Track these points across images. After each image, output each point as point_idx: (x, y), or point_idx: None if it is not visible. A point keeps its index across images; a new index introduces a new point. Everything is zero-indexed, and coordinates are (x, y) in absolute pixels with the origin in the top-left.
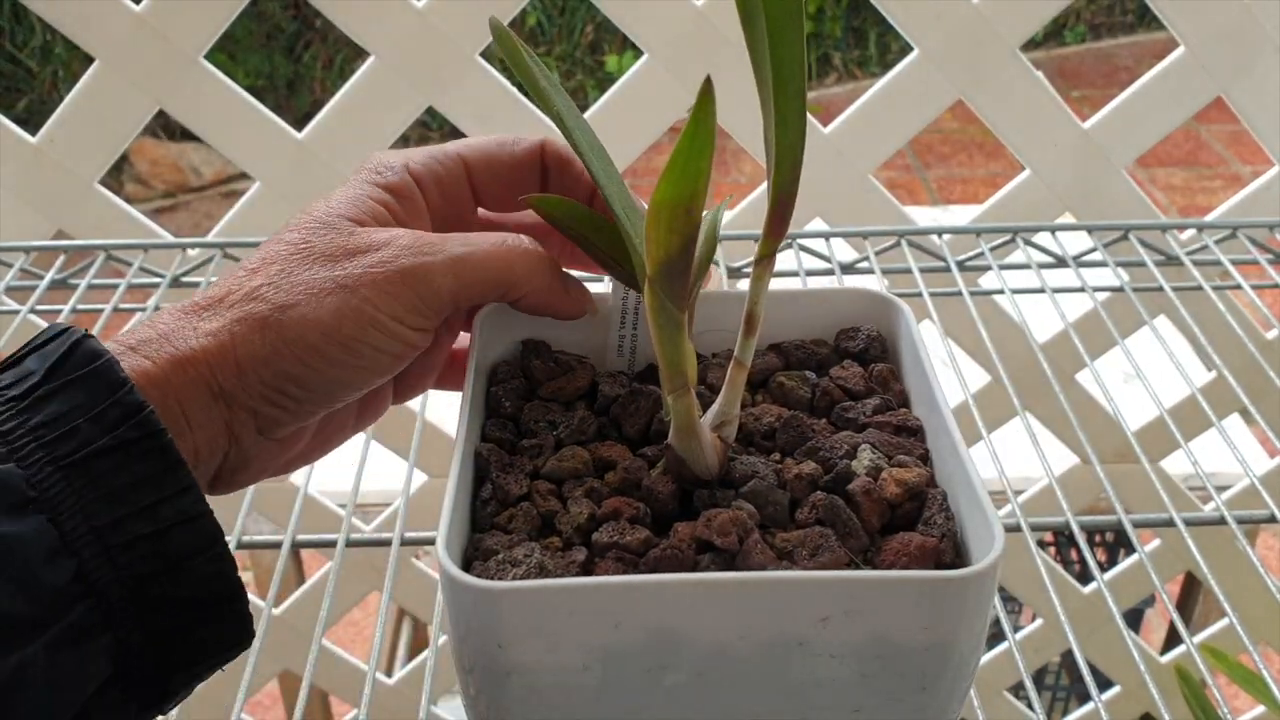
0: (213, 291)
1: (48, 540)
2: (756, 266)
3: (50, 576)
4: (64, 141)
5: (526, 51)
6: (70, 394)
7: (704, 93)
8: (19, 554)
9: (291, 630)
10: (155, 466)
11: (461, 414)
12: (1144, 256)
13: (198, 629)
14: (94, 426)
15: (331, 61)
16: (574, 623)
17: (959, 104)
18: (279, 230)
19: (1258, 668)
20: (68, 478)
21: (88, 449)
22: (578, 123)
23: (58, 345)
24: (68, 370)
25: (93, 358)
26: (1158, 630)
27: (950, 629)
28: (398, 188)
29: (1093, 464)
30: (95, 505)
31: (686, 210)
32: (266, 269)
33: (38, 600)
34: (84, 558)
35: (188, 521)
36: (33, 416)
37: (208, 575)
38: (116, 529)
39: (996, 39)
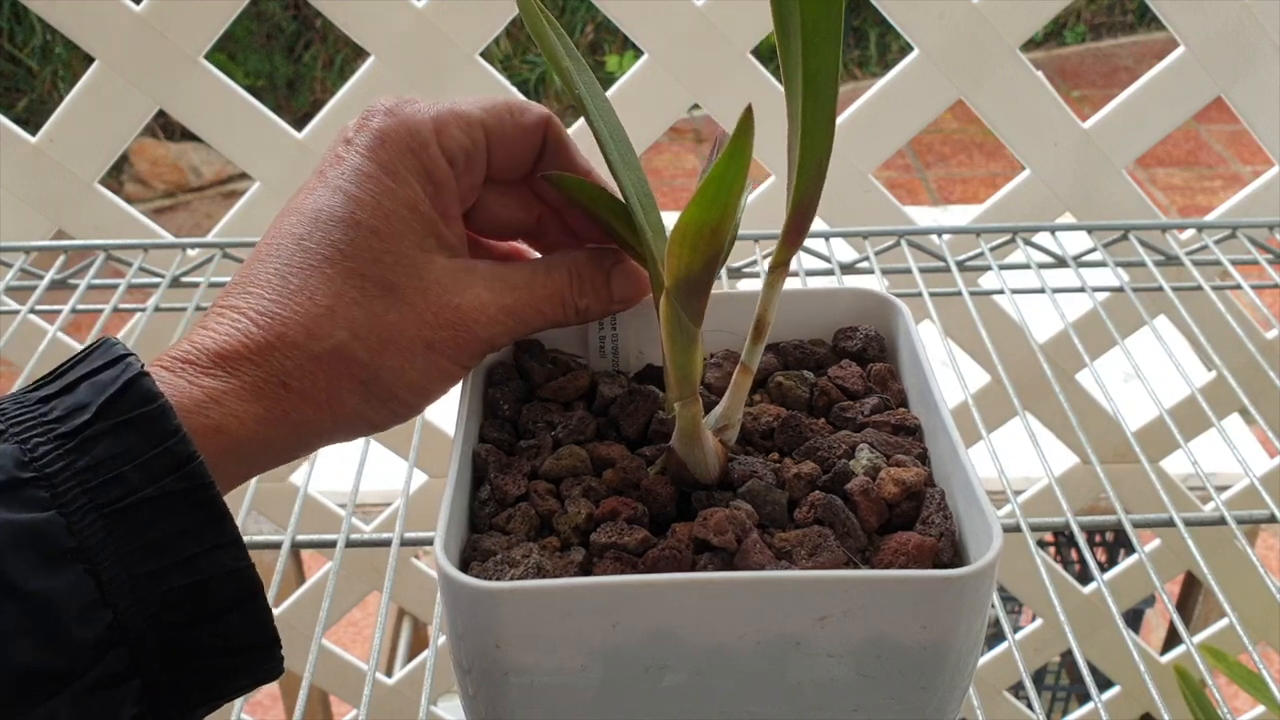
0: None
1: (84, 593)
2: (770, 274)
3: (84, 631)
4: (64, 141)
5: (551, 24)
6: (120, 438)
7: (744, 122)
8: (53, 611)
9: (291, 630)
10: (200, 518)
11: (459, 415)
12: (1144, 256)
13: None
14: (141, 474)
15: (331, 61)
16: (572, 623)
17: (959, 104)
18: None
19: (1258, 668)
20: (109, 527)
21: (132, 497)
22: (599, 104)
23: (112, 377)
24: (120, 410)
25: (147, 400)
26: (1158, 630)
27: (948, 628)
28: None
29: (1093, 464)
30: (135, 555)
31: (713, 232)
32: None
33: (68, 655)
34: (120, 609)
35: (229, 575)
36: (79, 459)
37: (245, 627)
38: (155, 580)
39: (996, 39)
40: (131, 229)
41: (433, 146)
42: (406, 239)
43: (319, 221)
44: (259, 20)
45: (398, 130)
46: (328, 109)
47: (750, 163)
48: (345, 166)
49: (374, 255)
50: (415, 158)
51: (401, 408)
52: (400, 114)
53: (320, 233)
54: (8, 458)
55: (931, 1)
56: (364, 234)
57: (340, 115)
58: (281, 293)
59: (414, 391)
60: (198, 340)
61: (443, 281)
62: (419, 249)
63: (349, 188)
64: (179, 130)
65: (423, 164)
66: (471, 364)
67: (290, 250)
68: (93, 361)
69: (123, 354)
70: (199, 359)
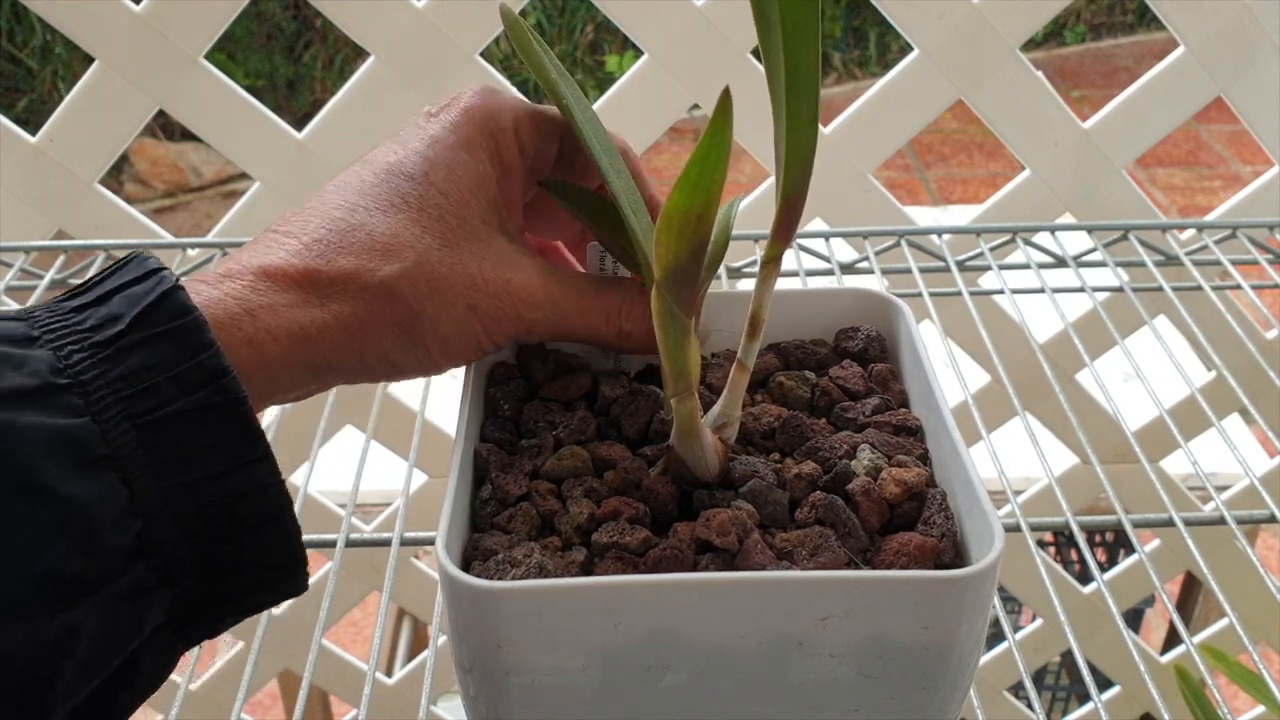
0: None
1: (117, 501)
2: (763, 269)
3: (115, 538)
4: (64, 141)
5: (537, 40)
6: (154, 349)
7: (722, 104)
8: (86, 516)
9: (291, 630)
10: (232, 432)
11: (461, 414)
12: (1144, 256)
13: (255, 589)
14: (174, 387)
15: (331, 61)
16: (573, 623)
17: (959, 104)
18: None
19: (1258, 668)
20: (142, 437)
21: (166, 409)
22: (586, 114)
23: (147, 290)
24: (155, 322)
25: (181, 313)
26: (1158, 630)
27: (950, 629)
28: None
29: (1093, 464)
30: (168, 467)
31: (698, 217)
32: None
33: (99, 560)
34: (151, 518)
35: (260, 490)
36: (113, 368)
37: (273, 541)
38: (187, 492)
39: (996, 39)
40: (131, 229)
41: (509, 134)
42: (472, 209)
43: (391, 174)
44: (259, 20)
45: (482, 111)
46: (328, 109)
47: (730, 144)
48: (425, 134)
49: (439, 213)
50: (493, 140)
51: (425, 359)
52: (487, 98)
53: (391, 183)
54: (43, 363)
55: (931, 1)
56: (434, 193)
57: (340, 115)
58: (341, 227)
59: (442, 346)
60: (243, 258)
61: (500, 255)
62: (482, 222)
63: (426, 151)
64: (179, 130)
65: (498, 147)
66: (502, 343)
67: (357, 192)
68: (126, 274)
69: (156, 268)
70: (240, 273)
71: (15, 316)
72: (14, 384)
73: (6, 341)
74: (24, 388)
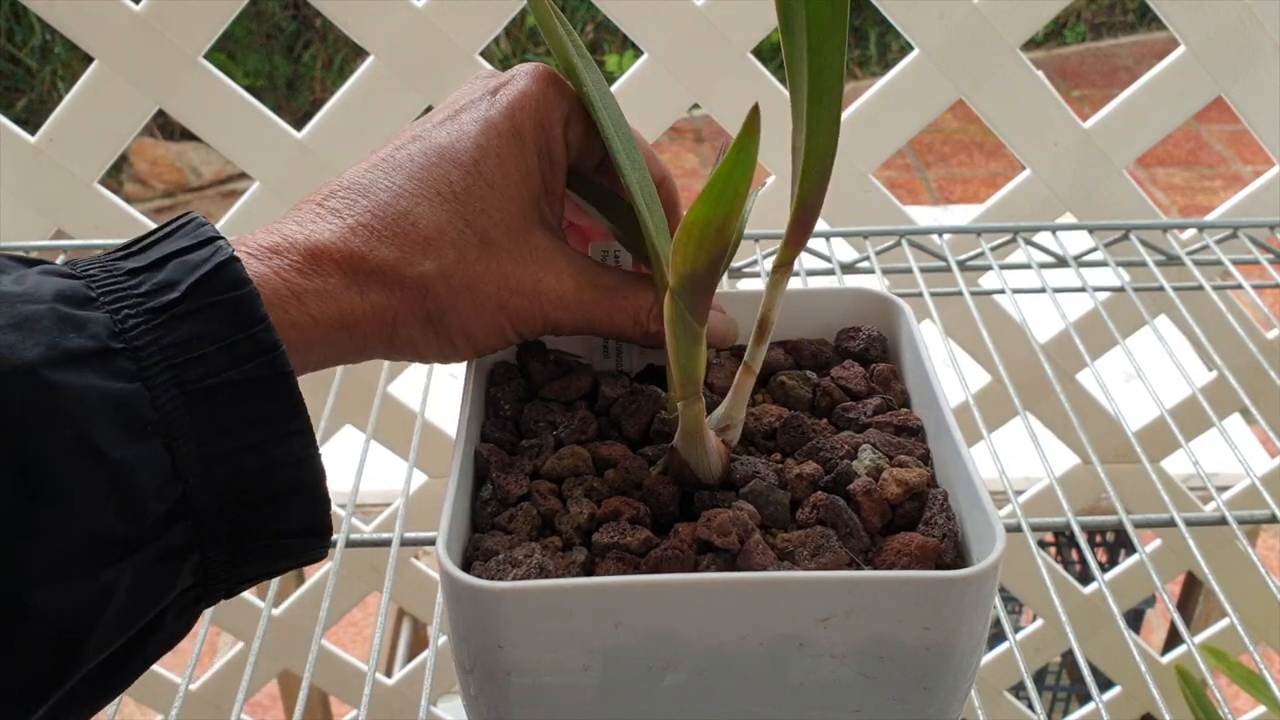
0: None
1: (162, 467)
2: (774, 273)
3: (156, 503)
4: (63, 141)
5: (561, 21)
6: (207, 319)
7: (750, 121)
8: (132, 479)
9: (291, 630)
10: (275, 406)
11: (461, 414)
12: (1145, 256)
13: (282, 555)
14: (224, 357)
15: (331, 61)
16: (574, 623)
17: (959, 104)
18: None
19: (1258, 668)
20: (190, 405)
21: (215, 379)
22: (606, 101)
23: (203, 258)
24: (209, 292)
25: (236, 285)
26: (1158, 630)
27: (951, 629)
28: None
29: (1093, 464)
30: (211, 435)
31: (718, 230)
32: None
33: (138, 523)
34: (191, 484)
35: (296, 463)
36: (166, 335)
37: (303, 512)
38: (227, 461)
39: (996, 39)
40: (131, 229)
41: (559, 128)
42: (516, 203)
43: (443, 157)
44: (259, 20)
45: (538, 100)
46: (327, 109)
47: (756, 161)
48: (480, 114)
49: (483, 206)
50: (544, 132)
51: (449, 349)
52: (545, 86)
53: (441, 169)
54: (101, 326)
55: (931, 1)
56: (481, 184)
57: (340, 115)
58: (387, 212)
59: (468, 339)
60: (288, 232)
61: (536, 253)
62: (524, 216)
63: (479, 137)
64: (179, 130)
65: (548, 140)
66: (528, 336)
67: (408, 173)
68: (181, 239)
69: (212, 235)
70: (287, 251)
71: (71, 274)
72: (75, 345)
73: (68, 301)
74: (83, 349)
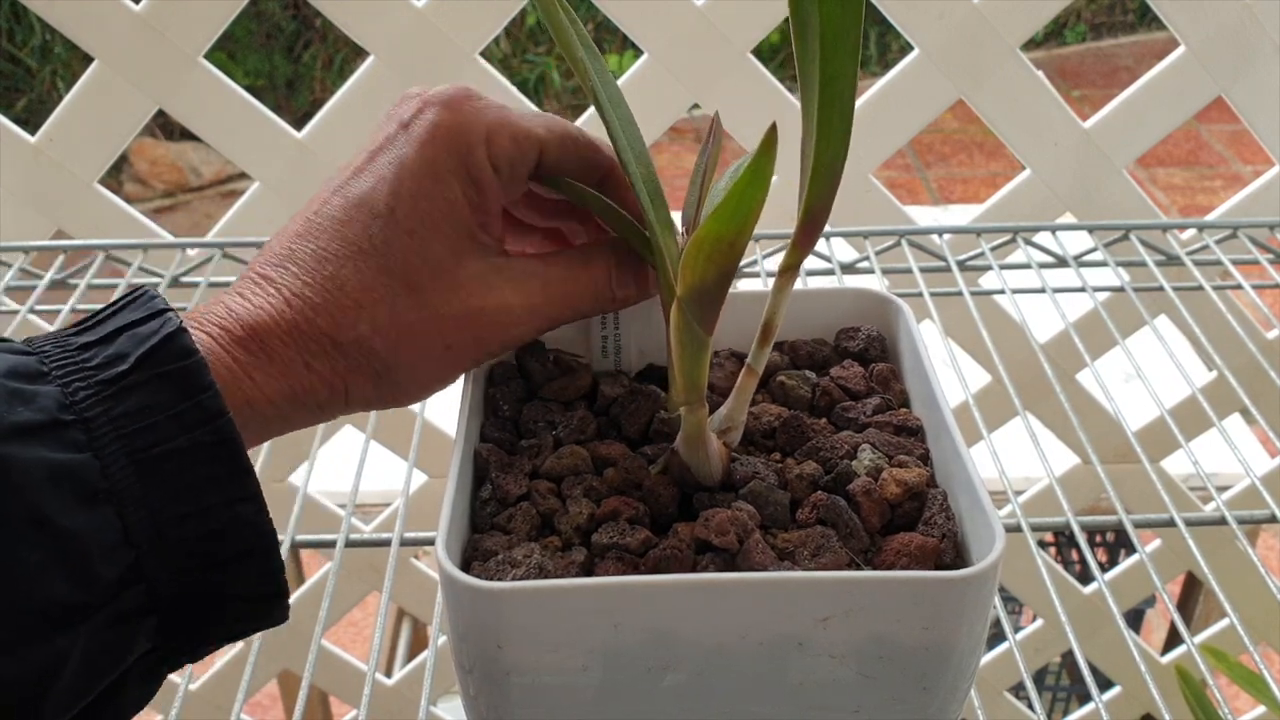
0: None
1: (112, 534)
2: (780, 277)
3: (106, 569)
4: (63, 141)
5: (567, 12)
6: (156, 389)
7: (767, 140)
8: (81, 546)
9: (291, 630)
10: (223, 471)
11: (461, 414)
12: (1144, 256)
13: (239, 619)
14: (173, 424)
15: (331, 61)
16: (573, 623)
17: (959, 104)
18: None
19: (1258, 668)
20: (140, 473)
21: (164, 446)
22: (613, 95)
23: (152, 330)
24: (158, 363)
25: (184, 355)
26: (1158, 630)
27: (950, 629)
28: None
29: (1093, 464)
30: (161, 501)
31: (730, 245)
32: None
33: (90, 590)
34: (142, 550)
35: (246, 527)
36: (117, 406)
37: (257, 576)
38: (178, 526)
39: (996, 39)
40: (131, 229)
41: (480, 150)
42: (439, 241)
43: (361, 208)
44: (259, 20)
45: (450, 129)
46: (327, 109)
47: (770, 179)
48: (395, 155)
49: (404, 255)
50: (461, 159)
51: (406, 398)
52: (458, 112)
53: (361, 222)
54: (50, 399)
55: (931, 1)
56: (400, 234)
57: (340, 115)
58: (315, 278)
59: (425, 387)
60: (233, 306)
61: (469, 285)
62: (450, 252)
63: (394, 181)
64: (178, 130)
65: (468, 167)
66: (492, 358)
67: (330, 235)
68: (132, 312)
69: (162, 308)
70: (233, 327)
71: (25, 350)
72: (23, 419)
73: (19, 376)
74: (32, 423)
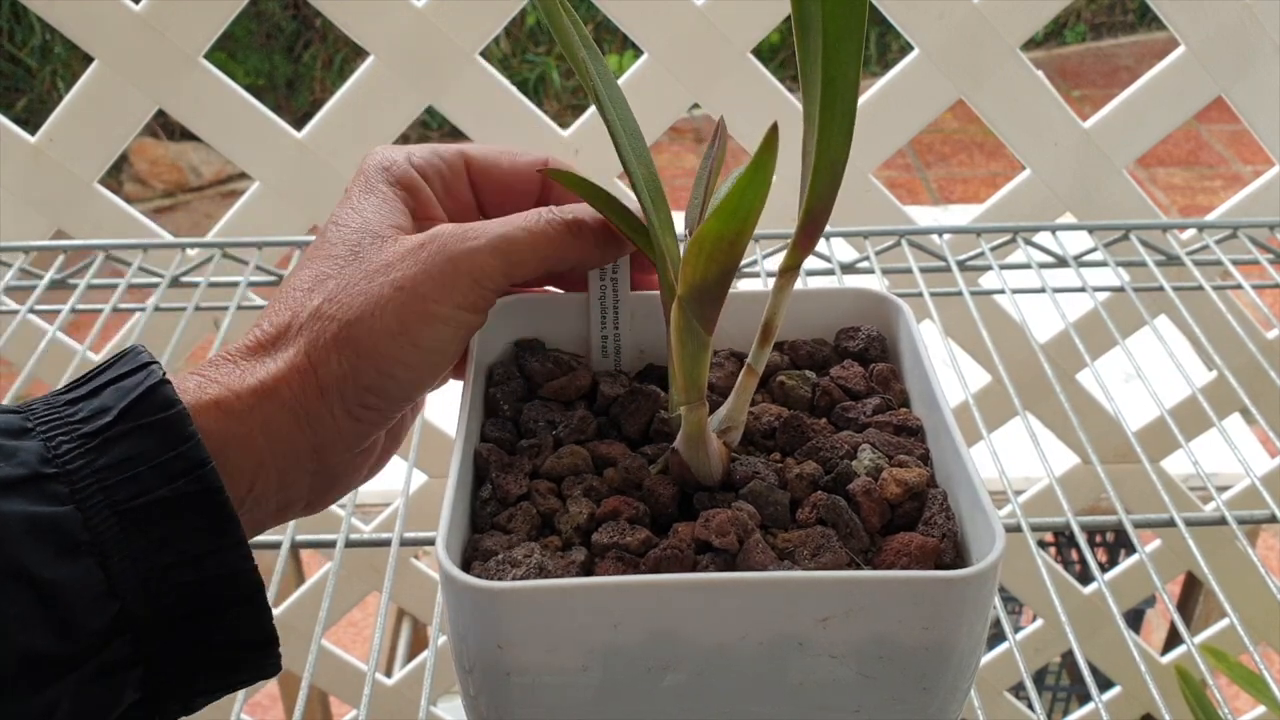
0: (275, 321)
1: (95, 585)
2: (780, 278)
3: (91, 620)
4: (63, 141)
5: (568, 13)
6: (139, 440)
7: (768, 139)
8: (64, 598)
9: (291, 630)
10: (208, 520)
11: (461, 414)
12: (1144, 256)
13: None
14: (156, 475)
15: (331, 61)
16: (573, 623)
17: (959, 104)
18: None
19: (1258, 668)
20: (122, 524)
21: (147, 497)
22: (614, 95)
23: (136, 383)
24: (141, 414)
25: (166, 406)
26: (1158, 630)
27: (951, 629)
28: (408, 183)
29: (1093, 464)
30: (145, 552)
31: (730, 244)
32: (322, 286)
33: (76, 641)
34: (127, 601)
35: (232, 576)
36: (100, 458)
37: (244, 624)
38: (163, 576)
39: (996, 39)
40: (131, 229)
41: (402, 163)
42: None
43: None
44: (259, 20)
45: (373, 161)
46: (327, 109)
47: (772, 179)
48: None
49: (343, 237)
50: (388, 172)
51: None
52: (377, 152)
53: (311, 249)
54: (32, 454)
55: (931, 1)
56: (341, 230)
57: (340, 115)
58: (279, 298)
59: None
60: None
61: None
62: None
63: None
64: (179, 130)
65: (394, 176)
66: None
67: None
68: (119, 368)
69: (147, 361)
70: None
71: (12, 409)
72: (3, 474)
73: (2, 434)
74: (11, 477)
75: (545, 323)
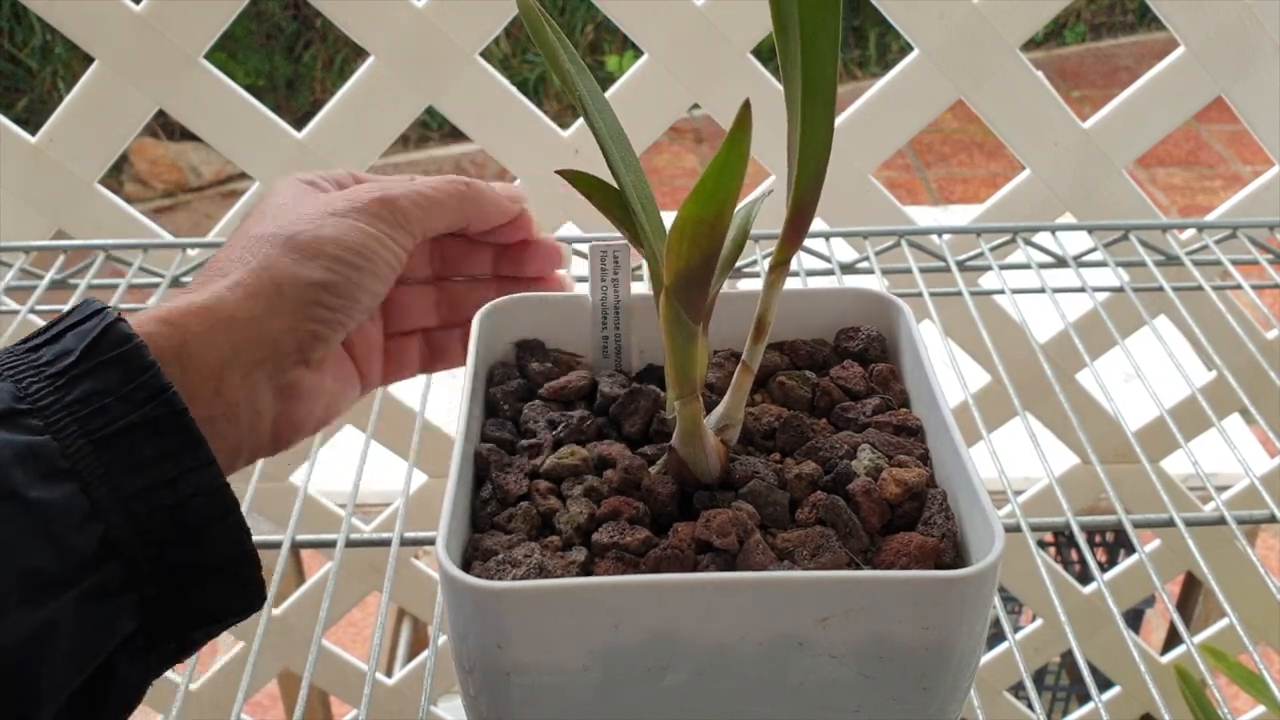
0: (223, 256)
1: (79, 506)
2: (771, 273)
3: (80, 540)
4: (64, 141)
5: (553, 28)
6: (102, 374)
7: (741, 117)
8: (52, 517)
9: (291, 630)
10: (177, 442)
11: (461, 414)
12: (1144, 256)
13: (214, 591)
14: (122, 405)
15: (331, 61)
16: (573, 623)
17: (959, 104)
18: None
19: (1258, 668)
20: (98, 451)
21: (117, 424)
22: (599, 105)
23: (93, 325)
24: (101, 351)
25: (124, 340)
26: (1158, 630)
27: (950, 629)
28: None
29: (1093, 464)
30: (122, 476)
31: (711, 227)
32: (260, 224)
33: (68, 560)
34: (111, 523)
35: (206, 494)
36: (68, 394)
37: (223, 542)
38: (141, 498)
39: (996, 39)
40: (131, 229)
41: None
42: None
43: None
44: (259, 20)
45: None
46: (327, 109)
47: (748, 157)
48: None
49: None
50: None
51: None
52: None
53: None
54: (5, 393)
55: (931, 1)
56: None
57: (340, 115)
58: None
59: (338, 245)
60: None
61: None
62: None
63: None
64: (179, 130)
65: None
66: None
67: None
68: (76, 315)
69: (100, 308)
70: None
71: None
72: None
73: None
74: None
75: (545, 323)
